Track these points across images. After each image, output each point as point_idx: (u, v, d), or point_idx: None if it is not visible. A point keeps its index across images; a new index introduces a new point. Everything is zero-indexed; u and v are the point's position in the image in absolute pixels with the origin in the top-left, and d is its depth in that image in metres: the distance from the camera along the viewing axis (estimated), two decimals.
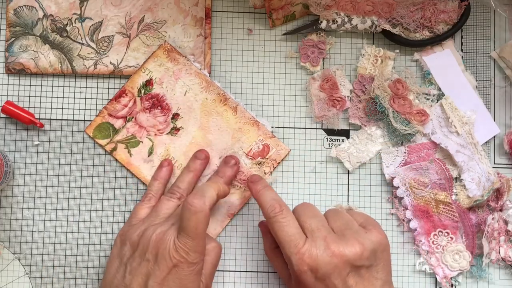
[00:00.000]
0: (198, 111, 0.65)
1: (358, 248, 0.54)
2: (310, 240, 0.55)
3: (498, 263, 0.66)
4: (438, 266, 0.65)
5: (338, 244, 0.54)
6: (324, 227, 0.56)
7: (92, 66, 0.66)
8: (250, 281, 0.65)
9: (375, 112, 0.66)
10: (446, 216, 0.65)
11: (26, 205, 0.65)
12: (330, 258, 0.54)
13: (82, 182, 0.65)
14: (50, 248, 0.65)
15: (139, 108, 0.65)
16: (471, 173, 0.66)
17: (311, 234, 0.56)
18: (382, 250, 0.56)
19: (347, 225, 0.57)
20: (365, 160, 0.66)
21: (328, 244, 0.54)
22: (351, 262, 0.54)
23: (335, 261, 0.54)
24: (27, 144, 0.65)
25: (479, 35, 0.68)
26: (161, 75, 0.65)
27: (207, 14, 0.67)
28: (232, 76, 0.67)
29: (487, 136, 0.67)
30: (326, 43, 0.67)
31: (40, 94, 0.66)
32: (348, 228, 0.57)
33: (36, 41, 0.65)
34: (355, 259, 0.54)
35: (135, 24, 0.66)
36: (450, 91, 0.67)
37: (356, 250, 0.54)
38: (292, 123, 0.67)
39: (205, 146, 0.65)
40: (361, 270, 0.55)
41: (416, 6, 0.66)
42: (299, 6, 0.67)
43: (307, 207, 0.59)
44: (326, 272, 0.54)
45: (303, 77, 0.67)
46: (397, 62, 0.68)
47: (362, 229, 0.57)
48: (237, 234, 0.66)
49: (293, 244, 0.55)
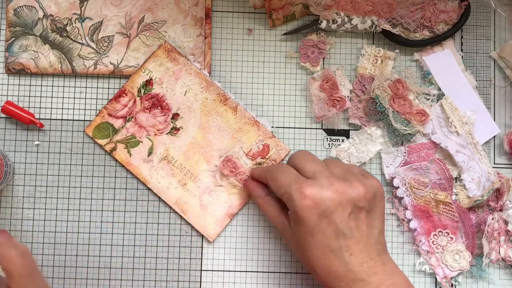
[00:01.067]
0: (198, 111, 0.65)
1: (361, 189, 0.54)
2: (313, 179, 0.55)
3: (498, 263, 0.66)
4: (438, 266, 0.65)
5: (341, 183, 0.54)
6: (325, 169, 0.56)
7: (92, 66, 0.66)
8: (250, 281, 0.65)
9: (375, 112, 0.66)
10: (446, 216, 0.65)
11: (26, 205, 0.65)
12: (334, 194, 0.53)
13: (82, 182, 0.65)
14: (50, 248, 0.65)
15: (139, 108, 0.65)
16: (471, 173, 0.66)
17: (313, 175, 0.55)
18: (380, 197, 0.57)
19: (348, 170, 0.57)
20: (365, 160, 0.66)
21: (332, 182, 0.54)
22: (354, 201, 0.54)
23: (339, 197, 0.53)
24: (27, 144, 0.65)
25: (479, 35, 0.68)
26: (161, 75, 0.65)
27: (207, 14, 0.67)
28: (232, 76, 0.67)
29: (487, 136, 0.67)
30: (326, 43, 0.67)
31: (40, 94, 0.66)
32: (350, 173, 0.57)
33: (36, 41, 0.65)
34: (358, 199, 0.54)
35: (135, 24, 0.66)
36: (450, 91, 0.67)
37: (360, 191, 0.54)
38: (292, 123, 0.67)
39: (205, 146, 0.65)
40: (361, 214, 0.55)
41: (416, 6, 0.66)
42: (299, 6, 0.67)
43: (306, 154, 0.59)
44: (329, 208, 0.53)
45: (303, 77, 0.67)
46: (397, 62, 0.68)
47: (362, 175, 0.58)
48: (237, 234, 0.66)
49: (295, 181, 0.55)
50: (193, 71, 0.65)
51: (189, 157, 0.65)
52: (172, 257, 0.65)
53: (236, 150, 0.65)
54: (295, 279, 0.65)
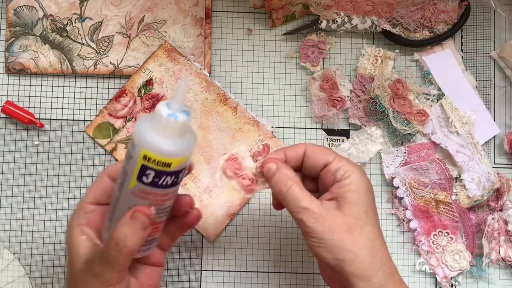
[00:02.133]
0: (198, 111, 0.65)
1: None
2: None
3: (498, 263, 0.66)
4: (438, 266, 0.65)
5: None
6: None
7: (92, 66, 0.66)
8: (250, 281, 0.65)
9: (375, 112, 0.66)
10: (446, 216, 0.65)
11: (26, 205, 0.65)
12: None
13: (82, 182, 0.65)
14: (50, 248, 0.65)
15: (139, 108, 0.65)
16: (471, 173, 0.66)
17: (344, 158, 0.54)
18: None
19: None
20: (365, 160, 0.66)
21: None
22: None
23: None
24: (27, 144, 0.65)
25: (479, 35, 0.68)
26: (161, 75, 0.65)
27: (207, 14, 0.67)
28: (232, 76, 0.67)
29: (487, 136, 0.67)
30: (326, 43, 0.67)
31: (40, 94, 0.66)
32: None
33: (36, 41, 0.65)
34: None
35: (135, 24, 0.66)
36: (450, 91, 0.67)
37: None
38: (292, 123, 0.67)
39: (205, 146, 0.65)
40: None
41: (416, 6, 0.66)
42: (299, 6, 0.67)
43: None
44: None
45: (303, 77, 0.67)
46: (397, 62, 0.68)
47: None
48: (237, 234, 0.66)
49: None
50: (193, 71, 0.65)
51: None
52: (172, 257, 0.65)
53: (243, 149, 0.62)
54: (295, 279, 0.65)
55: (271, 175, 0.52)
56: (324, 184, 0.52)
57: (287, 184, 0.51)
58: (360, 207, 0.50)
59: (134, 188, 0.46)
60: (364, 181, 0.51)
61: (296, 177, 0.52)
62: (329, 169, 0.52)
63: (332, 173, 0.51)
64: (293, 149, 0.53)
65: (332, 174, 0.51)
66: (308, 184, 0.54)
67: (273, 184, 0.52)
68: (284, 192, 0.51)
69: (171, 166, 0.45)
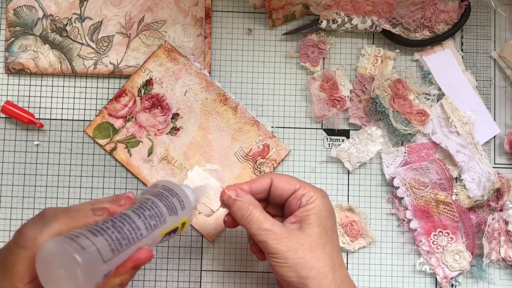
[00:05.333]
0: (198, 111, 0.65)
1: None
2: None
3: (498, 263, 0.66)
4: (438, 266, 0.65)
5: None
6: None
7: (92, 66, 0.65)
8: (250, 281, 0.65)
9: (375, 112, 0.65)
10: (446, 216, 0.65)
11: (26, 205, 0.65)
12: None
13: (82, 182, 0.65)
14: None
15: (139, 108, 0.65)
16: (471, 173, 0.66)
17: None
18: None
19: None
20: (365, 160, 0.66)
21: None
22: None
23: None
24: (27, 144, 0.65)
25: (479, 35, 0.68)
26: (161, 75, 0.65)
27: (207, 14, 0.67)
28: (232, 76, 0.67)
29: (487, 136, 0.67)
30: (326, 43, 0.67)
31: (40, 94, 0.66)
32: None
33: (36, 41, 0.65)
34: None
35: (135, 24, 0.66)
36: (450, 91, 0.67)
37: None
38: (292, 123, 0.67)
39: (205, 146, 0.65)
40: None
41: (416, 6, 0.66)
42: (299, 6, 0.67)
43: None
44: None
45: (303, 77, 0.67)
46: (397, 62, 0.68)
47: None
48: (237, 234, 0.66)
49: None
50: (193, 71, 0.65)
51: (189, 157, 0.65)
52: (172, 257, 0.65)
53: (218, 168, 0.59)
54: None
55: (232, 203, 0.54)
56: (291, 210, 0.55)
57: (248, 208, 0.53)
58: (321, 228, 0.53)
59: (160, 237, 0.49)
60: (327, 205, 0.54)
61: (256, 202, 0.54)
62: (296, 196, 0.55)
63: (298, 199, 0.54)
64: (259, 181, 0.56)
65: (298, 199, 0.54)
66: (272, 210, 0.57)
67: (234, 210, 0.54)
68: (246, 216, 0.53)
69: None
